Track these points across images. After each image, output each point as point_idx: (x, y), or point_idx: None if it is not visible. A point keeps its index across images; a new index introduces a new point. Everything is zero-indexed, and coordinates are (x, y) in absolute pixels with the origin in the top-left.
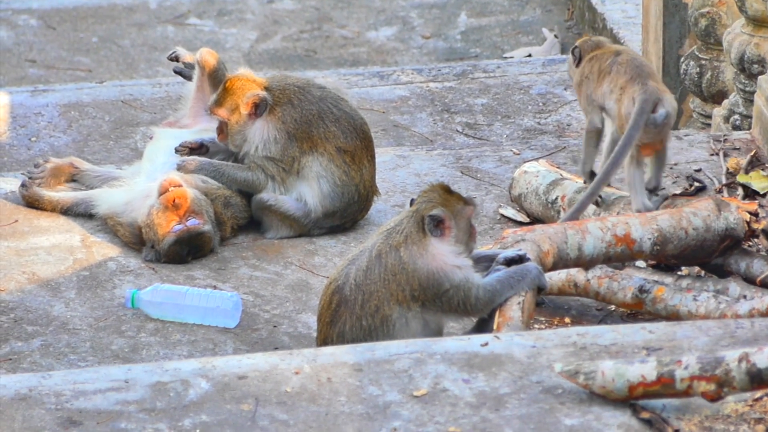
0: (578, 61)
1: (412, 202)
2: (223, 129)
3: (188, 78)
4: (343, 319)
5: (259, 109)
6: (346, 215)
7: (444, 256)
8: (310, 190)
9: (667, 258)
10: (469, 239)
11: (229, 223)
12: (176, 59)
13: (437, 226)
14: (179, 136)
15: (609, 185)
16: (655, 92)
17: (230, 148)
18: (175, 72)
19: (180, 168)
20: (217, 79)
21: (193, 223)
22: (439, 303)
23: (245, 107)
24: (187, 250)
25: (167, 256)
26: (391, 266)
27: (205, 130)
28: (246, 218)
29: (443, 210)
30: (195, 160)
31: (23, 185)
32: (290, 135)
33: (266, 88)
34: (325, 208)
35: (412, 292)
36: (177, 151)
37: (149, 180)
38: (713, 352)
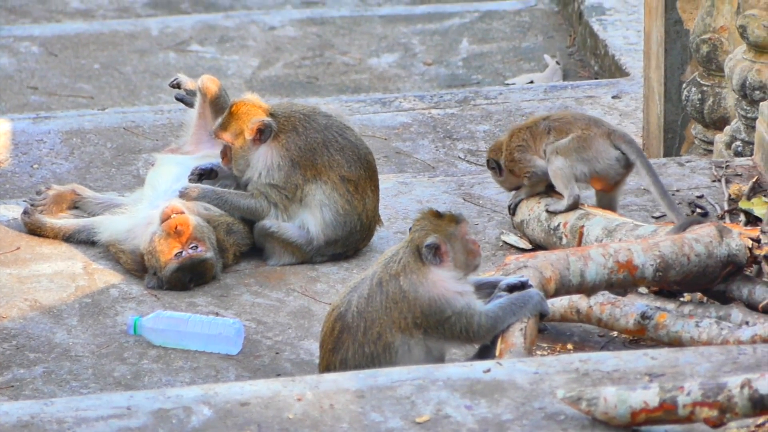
0: (499, 169)
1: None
2: (226, 153)
3: (190, 105)
4: (346, 345)
5: (263, 135)
6: (348, 244)
7: (444, 282)
8: (312, 218)
9: (670, 284)
10: (468, 258)
11: (232, 250)
12: (178, 86)
13: (435, 254)
14: (181, 163)
15: (614, 212)
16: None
17: (234, 173)
18: (177, 99)
19: (182, 195)
20: (218, 106)
21: (195, 250)
22: (442, 330)
23: (250, 132)
24: (189, 277)
25: (169, 283)
26: (392, 294)
27: (207, 156)
28: (248, 245)
29: (437, 236)
30: (197, 187)
31: (25, 212)
32: (294, 162)
33: (271, 115)
34: (327, 237)
35: (414, 320)
36: (189, 179)
37: (151, 207)
38: (715, 379)
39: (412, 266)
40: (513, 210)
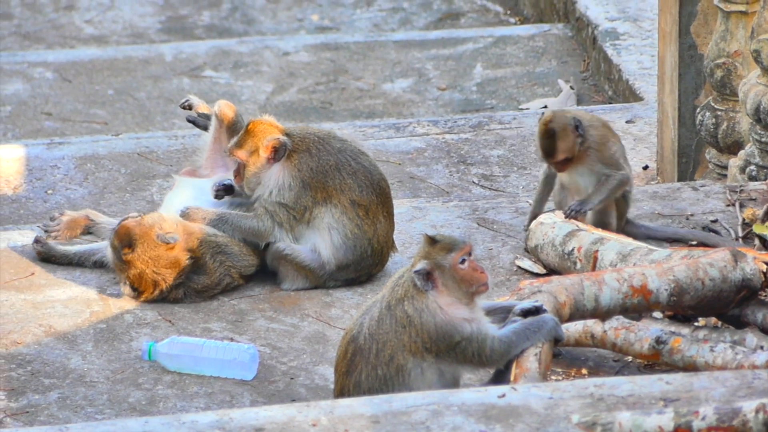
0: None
1: None
2: (240, 171)
3: (202, 127)
4: (359, 368)
5: (278, 153)
6: (360, 269)
7: (447, 309)
8: (322, 241)
9: (684, 309)
10: (464, 285)
11: (218, 272)
12: (189, 108)
13: (426, 280)
14: (198, 186)
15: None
16: None
17: (245, 191)
18: (188, 121)
19: (184, 215)
20: (235, 131)
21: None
22: (454, 354)
23: (265, 150)
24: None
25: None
26: (400, 318)
27: (222, 178)
28: (248, 266)
29: (426, 263)
30: (199, 209)
31: (37, 241)
32: (305, 183)
33: (287, 135)
34: (338, 260)
35: (424, 344)
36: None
37: None
38: (730, 403)
39: (412, 292)
40: (528, 225)
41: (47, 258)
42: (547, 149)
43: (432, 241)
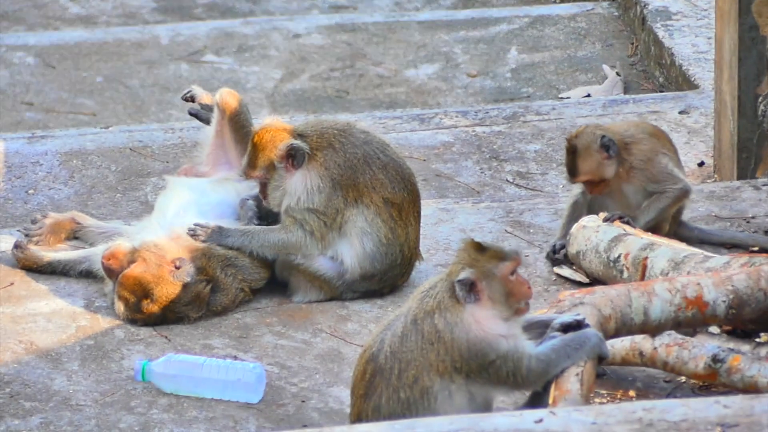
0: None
1: None
2: (263, 190)
3: (205, 121)
4: (379, 391)
5: (296, 159)
6: (385, 279)
7: (484, 323)
8: (350, 248)
9: (744, 323)
10: (511, 299)
11: (234, 287)
12: (192, 99)
13: (470, 291)
14: (194, 187)
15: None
16: None
17: (273, 209)
18: (191, 114)
19: (193, 236)
20: (239, 123)
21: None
22: (486, 375)
23: (279, 160)
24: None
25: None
26: (428, 334)
27: (225, 179)
28: (260, 280)
29: (472, 272)
30: (208, 227)
31: (17, 246)
32: (335, 182)
33: (300, 135)
34: (364, 270)
35: (454, 363)
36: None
37: (157, 236)
38: None
39: (446, 303)
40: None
41: (28, 266)
42: (568, 167)
43: (479, 247)
